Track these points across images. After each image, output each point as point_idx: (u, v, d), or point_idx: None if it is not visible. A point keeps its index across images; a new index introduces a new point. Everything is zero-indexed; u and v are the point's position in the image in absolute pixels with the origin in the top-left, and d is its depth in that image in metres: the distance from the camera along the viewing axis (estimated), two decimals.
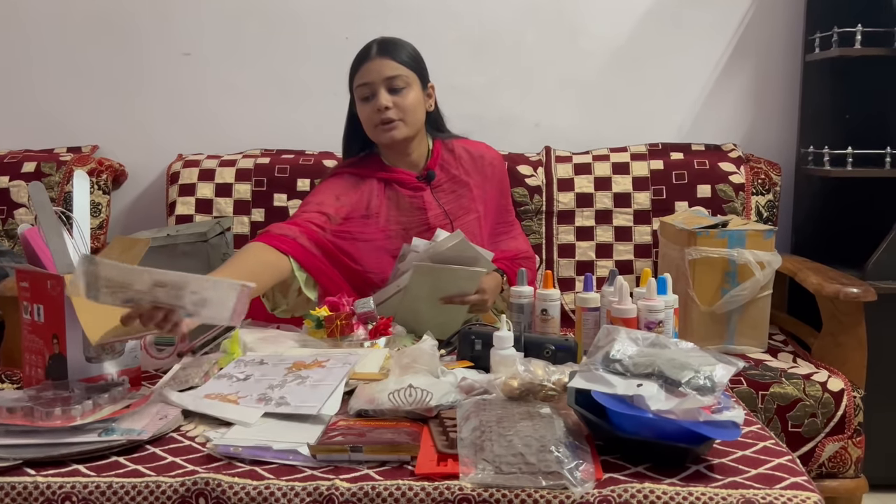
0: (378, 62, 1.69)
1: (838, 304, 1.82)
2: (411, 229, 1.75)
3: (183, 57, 2.50)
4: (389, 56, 1.70)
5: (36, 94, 2.52)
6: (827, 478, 1.76)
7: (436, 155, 1.81)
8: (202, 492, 0.99)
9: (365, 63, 1.70)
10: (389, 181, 1.77)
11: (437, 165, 1.80)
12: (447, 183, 1.80)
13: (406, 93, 1.70)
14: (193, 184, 2.33)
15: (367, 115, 1.71)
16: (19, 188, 2.31)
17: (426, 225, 1.75)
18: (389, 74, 1.68)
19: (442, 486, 0.98)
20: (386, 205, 1.76)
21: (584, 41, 2.48)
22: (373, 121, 1.70)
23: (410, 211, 1.76)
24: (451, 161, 1.82)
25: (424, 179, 1.78)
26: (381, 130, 1.70)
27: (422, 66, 1.76)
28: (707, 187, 2.27)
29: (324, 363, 1.33)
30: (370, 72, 1.69)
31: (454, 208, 1.79)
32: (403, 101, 1.69)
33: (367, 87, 1.70)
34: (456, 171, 1.81)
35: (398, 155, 1.78)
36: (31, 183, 1.29)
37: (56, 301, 1.22)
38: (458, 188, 1.80)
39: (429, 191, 1.78)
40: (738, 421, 1.06)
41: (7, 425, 1.09)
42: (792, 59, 2.45)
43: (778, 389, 1.75)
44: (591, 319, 1.48)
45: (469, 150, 1.85)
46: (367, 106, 1.70)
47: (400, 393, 1.17)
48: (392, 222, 1.75)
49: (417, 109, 1.72)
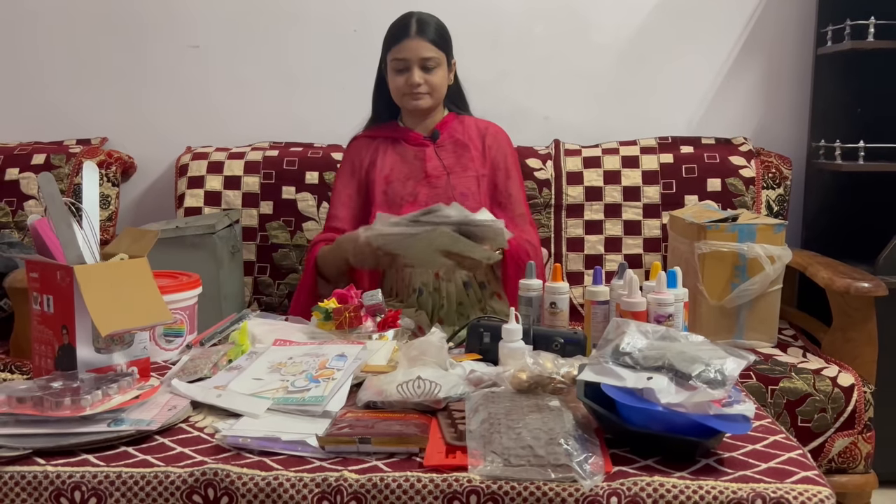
0: (416, 42, 1.86)
1: (849, 299, 1.81)
2: (411, 177, 1.92)
3: (191, 50, 2.50)
4: (426, 37, 1.87)
5: (46, 87, 2.52)
6: (837, 473, 1.76)
7: (445, 121, 1.99)
8: (211, 482, 0.99)
9: (405, 40, 1.87)
10: (399, 139, 1.97)
11: (444, 130, 1.98)
12: (449, 144, 1.96)
13: (436, 71, 1.89)
14: (202, 176, 2.33)
15: (398, 85, 1.90)
16: (29, 180, 2.31)
17: (424, 173, 1.92)
18: (425, 55, 1.87)
19: (451, 478, 0.98)
20: (392, 157, 1.96)
21: (594, 34, 2.47)
22: (403, 91, 1.90)
23: (412, 162, 1.94)
24: (457, 128, 1.99)
25: (429, 138, 1.97)
26: (410, 98, 1.90)
27: (450, 45, 1.94)
28: (717, 181, 2.26)
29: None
30: (407, 49, 1.86)
31: (452, 164, 1.94)
32: (433, 78, 1.89)
33: (402, 62, 1.88)
34: (460, 136, 1.98)
35: (416, 119, 1.97)
36: (41, 174, 1.29)
37: (66, 292, 1.22)
38: (459, 149, 1.96)
39: (432, 147, 1.95)
40: (749, 415, 1.05)
41: (17, 415, 1.09)
42: (803, 52, 2.44)
43: (787, 384, 1.74)
44: (601, 313, 1.47)
45: (477, 123, 2.03)
46: (400, 78, 1.89)
47: (408, 385, 1.17)
48: (396, 171, 1.94)
49: (443, 86, 1.94)
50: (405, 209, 1.85)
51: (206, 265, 1.94)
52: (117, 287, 1.24)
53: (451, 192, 1.88)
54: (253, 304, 2.27)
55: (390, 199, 1.91)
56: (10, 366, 1.82)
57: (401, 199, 1.90)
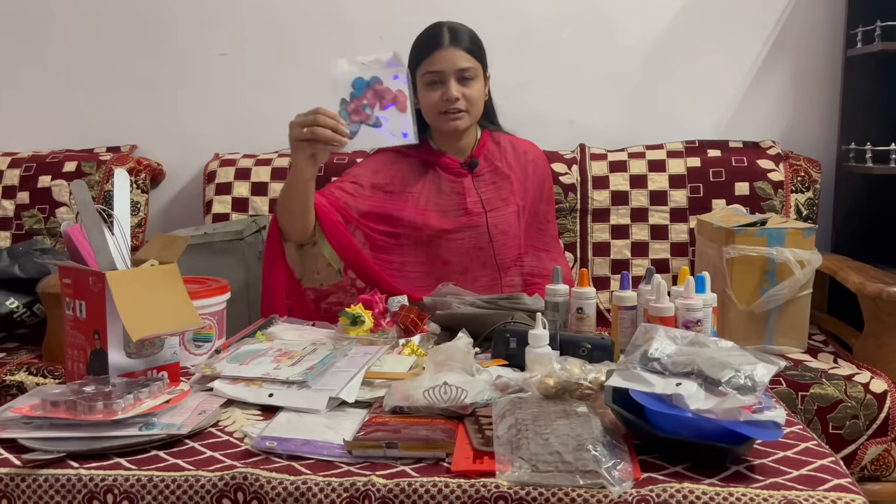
0: (451, 52, 1.70)
1: (881, 304, 1.78)
2: (448, 212, 1.76)
3: (219, 57, 2.53)
4: (461, 46, 1.71)
5: (76, 95, 2.57)
6: (869, 481, 1.73)
7: (482, 144, 1.82)
8: (240, 486, 1.00)
9: (437, 51, 1.70)
10: (433, 164, 1.78)
11: (481, 155, 1.81)
12: (488, 173, 1.81)
13: (473, 84, 1.72)
14: (230, 182, 2.35)
15: (433, 101, 1.72)
16: (60, 187, 2.35)
17: (463, 209, 1.77)
18: (462, 66, 1.70)
19: (478, 484, 0.98)
20: (427, 186, 1.77)
21: (620, 37, 2.46)
22: (439, 108, 1.72)
23: (449, 195, 1.78)
24: (495, 153, 1.83)
25: (467, 166, 1.79)
26: (446, 119, 1.72)
27: (484, 55, 1.78)
28: (745, 185, 2.24)
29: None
30: (443, 60, 1.70)
31: (492, 198, 1.79)
32: (471, 91, 1.71)
33: (436, 74, 1.71)
34: (499, 162, 1.82)
35: (449, 141, 1.80)
36: (74, 181, 1.31)
37: (98, 297, 1.24)
38: (499, 180, 1.81)
39: (470, 178, 1.79)
40: (780, 421, 1.04)
41: (51, 418, 1.11)
42: (833, 54, 2.41)
43: (818, 390, 1.71)
44: (628, 318, 1.46)
45: (514, 145, 1.86)
46: (434, 93, 1.71)
47: (435, 390, 1.17)
48: (431, 204, 1.77)
49: (481, 100, 1.75)
50: (442, 248, 1.76)
51: (234, 271, 1.96)
52: (148, 293, 1.26)
53: (489, 231, 1.78)
54: None
55: (424, 234, 1.75)
56: (43, 370, 1.85)
57: (437, 236, 1.76)
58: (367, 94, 1.56)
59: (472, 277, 1.78)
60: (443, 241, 1.76)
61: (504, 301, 1.53)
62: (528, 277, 1.85)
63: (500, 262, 1.81)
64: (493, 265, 1.80)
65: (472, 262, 1.78)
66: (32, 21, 2.54)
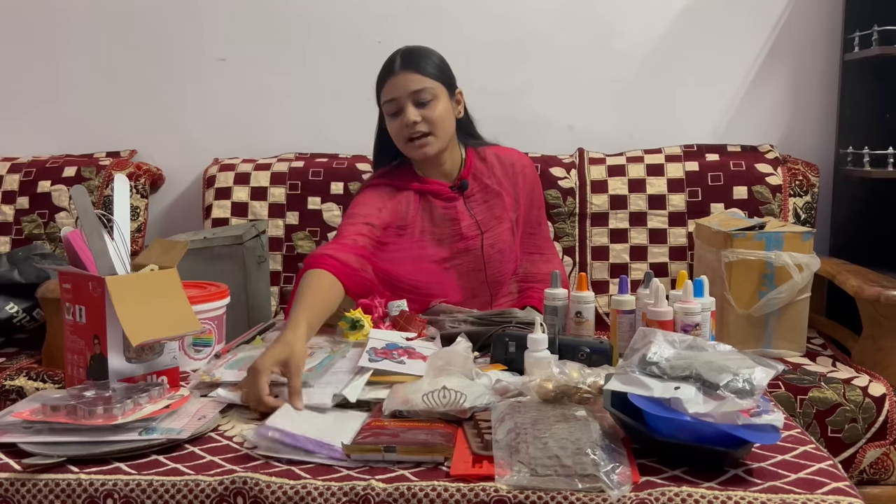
0: (403, 76, 1.66)
1: (879, 308, 1.79)
2: (444, 240, 1.74)
3: (219, 62, 2.54)
4: (413, 69, 1.67)
5: (76, 100, 2.57)
6: (868, 484, 1.73)
7: (468, 164, 1.78)
8: (240, 490, 1.00)
9: (390, 78, 1.68)
10: (424, 192, 1.76)
11: (469, 175, 1.78)
12: (479, 193, 1.78)
13: (433, 105, 1.67)
14: (229, 187, 2.36)
15: (396, 130, 1.69)
16: (60, 192, 2.36)
17: (459, 235, 1.75)
18: (415, 88, 1.66)
19: (477, 488, 0.98)
20: (420, 216, 1.74)
21: (618, 42, 2.46)
22: (403, 136, 1.68)
23: (443, 222, 1.75)
24: (483, 170, 1.80)
25: (457, 189, 1.76)
26: (413, 147, 1.68)
27: (448, 75, 1.73)
28: (743, 189, 2.25)
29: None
30: (395, 87, 1.66)
31: (486, 218, 1.77)
32: (431, 113, 1.66)
33: (393, 102, 1.67)
34: (488, 180, 1.79)
35: (431, 166, 1.76)
36: (74, 187, 1.31)
37: (97, 302, 1.25)
38: (491, 198, 1.78)
39: (462, 201, 1.76)
40: (778, 424, 1.04)
41: (51, 423, 1.11)
42: (830, 58, 2.42)
43: (817, 394, 1.72)
44: (627, 322, 1.47)
45: (500, 157, 1.83)
46: (396, 121, 1.68)
47: (434, 395, 1.18)
48: (426, 234, 1.74)
49: (446, 120, 1.69)
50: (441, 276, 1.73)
51: (234, 275, 1.96)
52: (148, 297, 1.26)
53: (485, 252, 1.75)
54: (279, 313, 2.29)
55: (423, 265, 1.72)
56: (43, 375, 1.85)
57: (436, 265, 1.73)
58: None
59: (469, 296, 1.77)
60: (441, 269, 1.74)
61: (496, 317, 1.53)
62: (522, 283, 1.84)
63: (497, 279, 1.79)
64: (489, 283, 1.78)
65: (468, 284, 1.77)
66: (33, 27, 2.55)
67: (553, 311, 1.54)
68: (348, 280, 1.55)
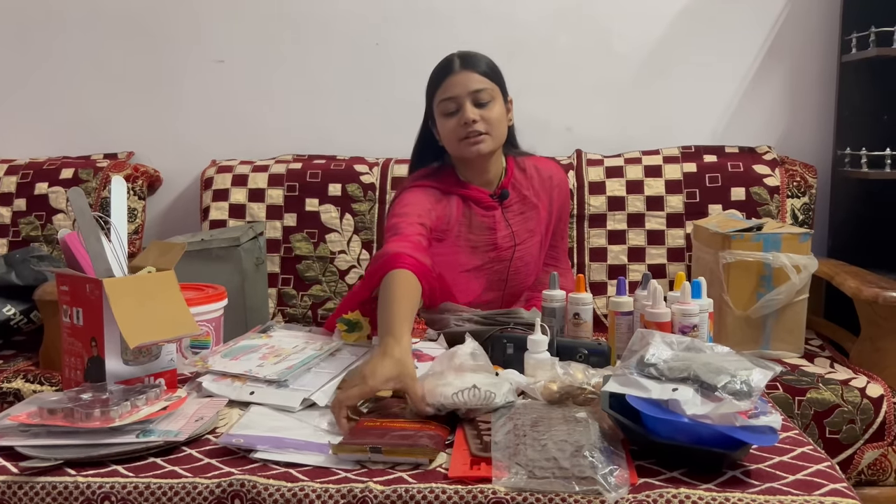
0: (463, 75, 1.65)
1: (877, 309, 1.79)
2: (479, 248, 1.73)
3: (216, 64, 2.54)
4: (473, 69, 1.66)
5: (73, 102, 2.57)
6: (866, 486, 1.73)
7: (510, 173, 1.77)
8: (238, 493, 1.00)
9: (448, 77, 1.66)
10: (466, 198, 1.73)
11: (509, 185, 1.76)
12: (517, 204, 1.76)
13: (491, 106, 1.66)
14: (227, 189, 2.36)
15: (451, 128, 1.66)
16: (58, 194, 2.35)
17: (493, 245, 1.73)
18: (475, 88, 1.65)
19: (475, 490, 0.98)
20: (460, 222, 1.72)
21: (616, 44, 2.47)
22: (458, 135, 1.66)
23: (480, 230, 1.73)
24: (522, 181, 1.78)
25: (498, 198, 1.74)
26: (468, 144, 1.65)
27: (502, 79, 1.72)
28: (741, 190, 2.25)
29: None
30: (455, 85, 1.65)
31: (521, 230, 1.75)
32: (489, 114, 1.65)
33: (452, 101, 1.65)
34: (527, 191, 1.77)
35: (475, 171, 1.73)
36: (71, 189, 1.31)
37: (95, 304, 1.24)
38: (528, 210, 1.77)
39: (500, 210, 1.74)
40: (776, 426, 1.04)
41: (48, 426, 1.11)
42: (828, 60, 2.42)
43: (815, 395, 1.72)
44: (625, 323, 1.47)
45: (539, 170, 1.81)
46: (452, 120, 1.66)
47: (464, 392, 1.16)
48: (461, 240, 1.72)
49: (502, 123, 1.69)
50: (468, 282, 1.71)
51: (232, 277, 1.96)
52: (145, 299, 1.26)
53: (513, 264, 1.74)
54: (277, 315, 2.29)
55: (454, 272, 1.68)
56: (40, 377, 1.85)
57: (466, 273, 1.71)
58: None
59: (484, 302, 1.76)
60: (471, 277, 1.73)
61: (502, 316, 1.52)
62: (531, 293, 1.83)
63: (515, 290, 1.78)
64: (506, 294, 1.77)
65: (488, 292, 1.76)
66: (29, 29, 2.55)
67: (551, 312, 1.54)
68: (426, 280, 1.51)
